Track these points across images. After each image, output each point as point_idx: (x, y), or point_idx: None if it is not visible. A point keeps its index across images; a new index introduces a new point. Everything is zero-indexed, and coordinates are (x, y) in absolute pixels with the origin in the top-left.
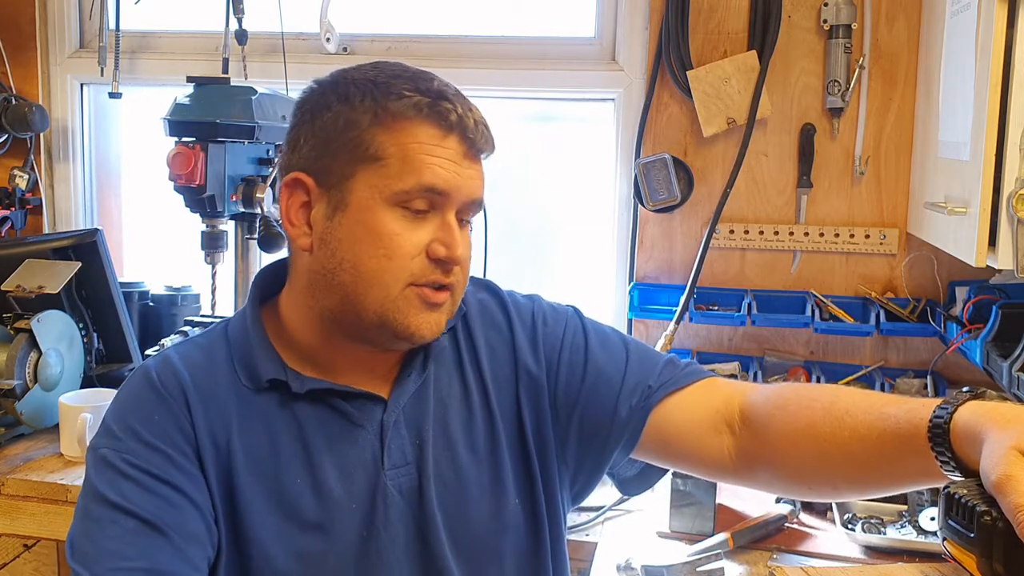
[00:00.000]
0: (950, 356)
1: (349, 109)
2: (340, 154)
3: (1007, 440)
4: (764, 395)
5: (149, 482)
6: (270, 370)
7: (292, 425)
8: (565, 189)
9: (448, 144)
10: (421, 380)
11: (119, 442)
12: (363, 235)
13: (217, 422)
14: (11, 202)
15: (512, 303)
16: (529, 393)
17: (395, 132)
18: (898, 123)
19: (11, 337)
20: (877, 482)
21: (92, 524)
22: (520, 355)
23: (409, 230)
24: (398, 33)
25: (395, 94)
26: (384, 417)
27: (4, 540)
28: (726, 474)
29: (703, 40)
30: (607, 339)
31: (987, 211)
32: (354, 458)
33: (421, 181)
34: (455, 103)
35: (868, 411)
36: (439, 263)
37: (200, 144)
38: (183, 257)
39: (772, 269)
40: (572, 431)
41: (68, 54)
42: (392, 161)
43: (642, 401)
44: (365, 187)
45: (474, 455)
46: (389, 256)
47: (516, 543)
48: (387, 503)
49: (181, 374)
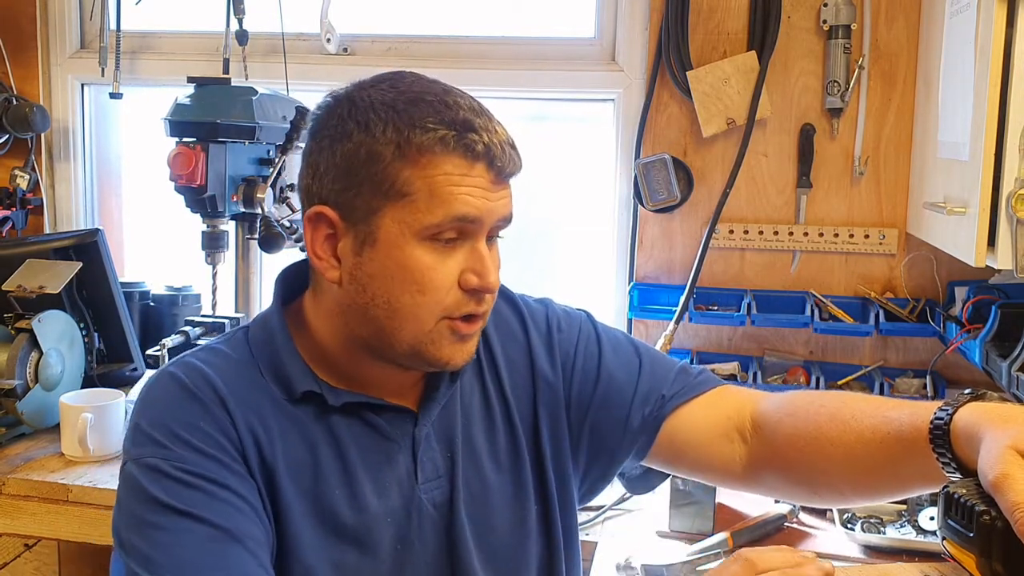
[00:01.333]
0: (949, 356)
1: (371, 140)
2: (364, 188)
3: (1004, 439)
4: (775, 402)
5: (211, 488)
6: (304, 382)
7: (329, 437)
8: (565, 189)
9: (476, 172)
10: (449, 393)
11: (167, 450)
12: (395, 271)
13: (259, 429)
14: (12, 202)
15: (527, 310)
16: (546, 400)
17: (421, 167)
18: (897, 123)
19: (12, 337)
20: (881, 486)
21: (162, 534)
22: (537, 362)
23: (441, 262)
24: (398, 33)
25: (420, 127)
26: (416, 431)
27: (5, 540)
28: (735, 481)
29: (703, 40)
30: (620, 345)
31: (986, 211)
32: (389, 472)
33: (451, 213)
34: (481, 133)
35: (872, 415)
36: (473, 293)
37: (201, 144)
38: (184, 257)
39: (772, 269)
40: (584, 437)
41: (69, 54)
42: (420, 196)
43: (656, 411)
44: (393, 223)
45: (497, 465)
46: (423, 291)
47: (538, 549)
48: (421, 516)
49: (213, 379)
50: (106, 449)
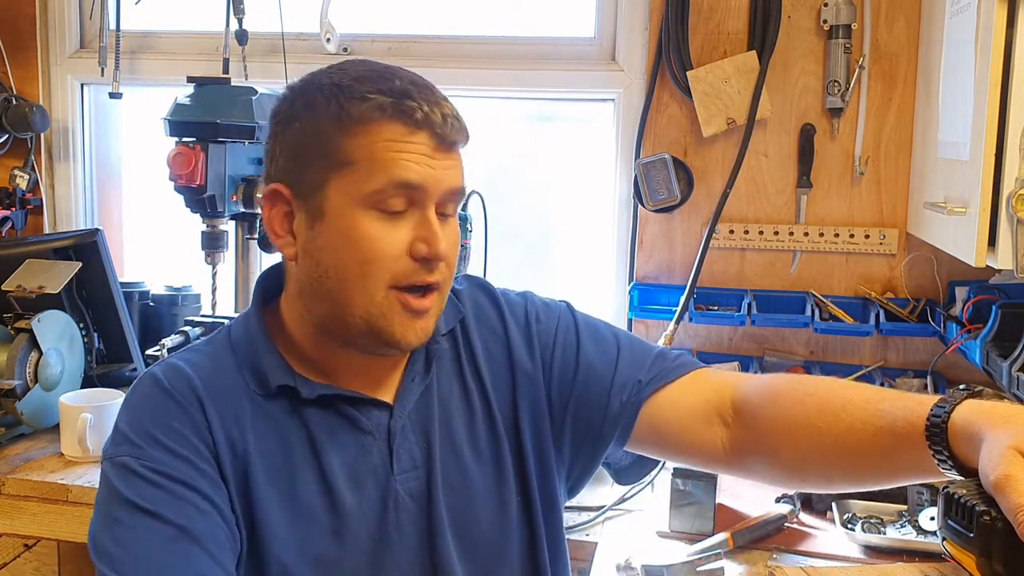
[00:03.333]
0: (950, 356)
1: (315, 118)
2: (310, 163)
3: (1005, 440)
4: (755, 386)
5: (177, 489)
6: (279, 376)
7: (302, 431)
8: (565, 189)
9: (417, 139)
10: (424, 385)
11: (139, 449)
12: (341, 242)
13: (233, 428)
14: (11, 202)
15: (505, 302)
16: (526, 391)
17: (359, 135)
18: (898, 123)
19: (11, 337)
20: (871, 475)
21: (126, 532)
22: (515, 354)
23: (388, 231)
24: (398, 33)
25: (358, 98)
26: (391, 423)
27: (4, 540)
28: (720, 465)
29: (703, 40)
30: (598, 333)
31: (987, 211)
32: (364, 464)
33: (392, 177)
34: (419, 100)
35: (863, 407)
36: (423, 262)
37: (200, 144)
38: (183, 257)
39: (772, 269)
40: (567, 427)
41: (68, 54)
42: (361, 164)
43: (633, 396)
44: (338, 194)
45: (478, 456)
46: (369, 261)
47: (520, 542)
48: (398, 507)
49: (192, 380)
50: None
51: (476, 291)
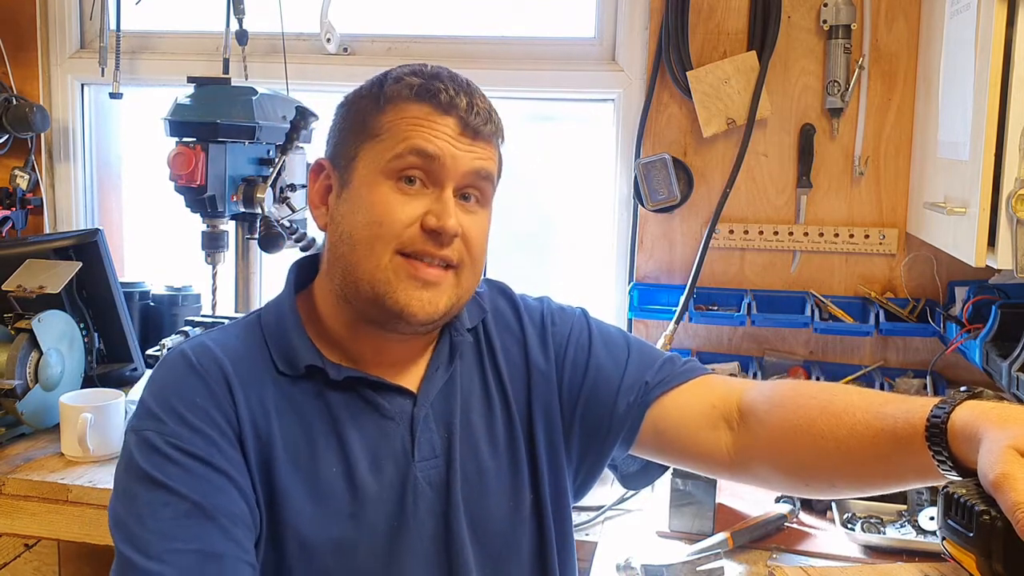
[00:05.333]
0: (950, 356)
1: (360, 100)
2: (349, 139)
3: (1004, 439)
4: (762, 392)
5: (195, 466)
6: (308, 356)
7: (326, 415)
8: (565, 189)
9: (442, 122)
10: (448, 375)
11: (163, 424)
12: (359, 207)
13: (258, 408)
14: (12, 202)
15: (523, 305)
16: (540, 391)
17: (389, 112)
18: (897, 123)
19: (12, 337)
20: (874, 480)
21: (142, 507)
22: (531, 354)
23: (403, 202)
24: (398, 33)
25: (394, 80)
26: (414, 411)
27: (5, 540)
28: (724, 470)
29: (703, 40)
30: (611, 338)
31: (986, 211)
32: (385, 450)
33: (410, 145)
34: (448, 84)
35: (866, 410)
36: (431, 234)
37: (201, 144)
38: (184, 257)
39: (772, 269)
40: (576, 427)
41: (69, 54)
42: (387, 136)
43: (639, 398)
44: (364, 164)
45: (494, 451)
46: (380, 223)
47: (531, 538)
48: (416, 494)
49: (221, 360)
50: (106, 449)
51: (496, 294)
